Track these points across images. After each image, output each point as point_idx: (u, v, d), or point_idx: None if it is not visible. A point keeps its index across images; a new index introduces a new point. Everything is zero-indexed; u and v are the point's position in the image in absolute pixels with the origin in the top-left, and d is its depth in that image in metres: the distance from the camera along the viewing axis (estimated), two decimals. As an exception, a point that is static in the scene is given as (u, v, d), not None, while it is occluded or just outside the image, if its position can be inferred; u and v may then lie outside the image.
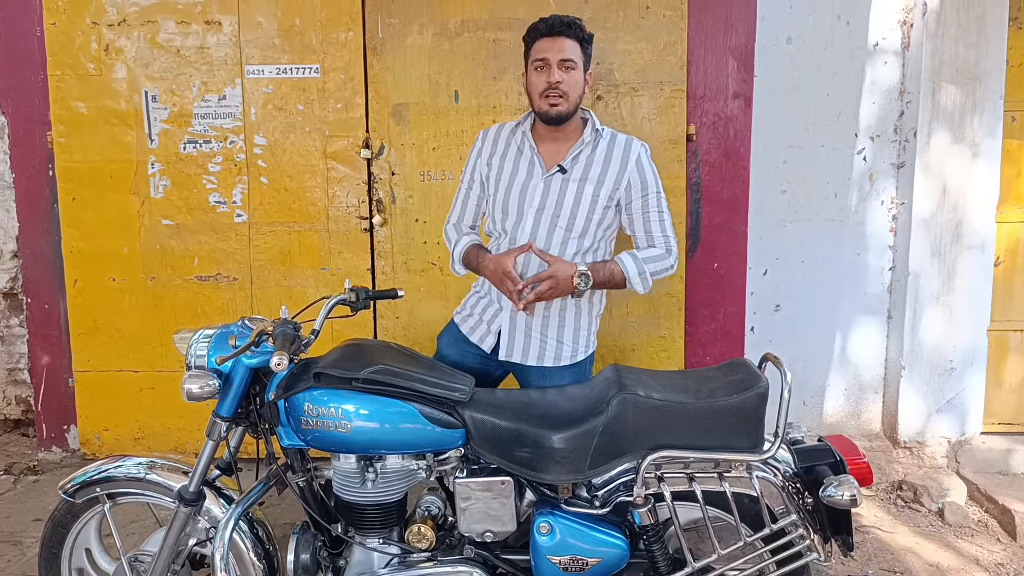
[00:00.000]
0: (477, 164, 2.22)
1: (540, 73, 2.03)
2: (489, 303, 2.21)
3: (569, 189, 2.07)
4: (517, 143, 2.15)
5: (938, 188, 3.30)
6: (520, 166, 2.12)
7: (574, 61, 2.02)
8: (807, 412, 3.56)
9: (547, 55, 2.01)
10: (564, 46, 2.00)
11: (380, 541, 1.85)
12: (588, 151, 2.11)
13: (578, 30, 2.03)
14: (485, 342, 2.20)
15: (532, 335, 2.15)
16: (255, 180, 3.26)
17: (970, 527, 2.98)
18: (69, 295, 3.35)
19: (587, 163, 2.09)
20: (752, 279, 3.43)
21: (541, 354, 2.15)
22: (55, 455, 3.54)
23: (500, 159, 2.16)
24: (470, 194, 2.25)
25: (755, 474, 1.69)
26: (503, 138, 2.19)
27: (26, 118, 3.34)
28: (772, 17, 3.32)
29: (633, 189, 2.11)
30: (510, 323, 2.15)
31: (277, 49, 3.19)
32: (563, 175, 2.08)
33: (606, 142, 2.13)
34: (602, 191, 2.08)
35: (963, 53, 3.24)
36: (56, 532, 1.97)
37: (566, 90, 2.01)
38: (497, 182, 2.15)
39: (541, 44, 2.04)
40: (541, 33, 2.04)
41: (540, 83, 2.02)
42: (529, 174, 2.10)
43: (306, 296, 3.24)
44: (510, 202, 2.11)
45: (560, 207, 2.07)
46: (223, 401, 1.77)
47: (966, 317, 3.35)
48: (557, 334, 2.15)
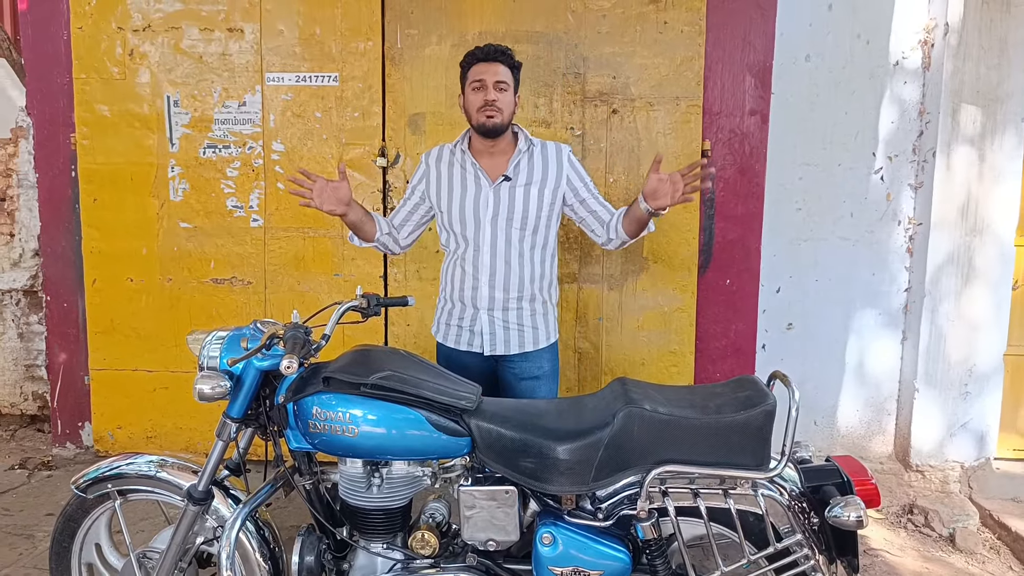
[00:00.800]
0: (423, 184, 2.43)
1: (477, 92, 2.26)
2: (464, 308, 2.38)
3: (517, 194, 2.31)
4: (459, 162, 2.37)
5: (956, 209, 3.28)
6: (467, 181, 2.34)
7: (507, 83, 2.26)
8: (818, 432, 3.53)
9: (484, 77, 2.25)
10: (498, 70, 2.25)
11: (384, 546, 1.86)
12: (526, 159, 2.34)
13: (510, 58, 2.29)
14: (475, 345, 2.37)
15: (510, 327, 2.35)
16: (272, 185, 3.31)
17: (982, 553, 2.93)
18: (87, 294, 3.40)
19: (528, 169, 2.33)
20: (765, 296, 3.42)
21: (521, 341, 2.37)
22: (69, 451, 3.59)
23: (447, 179, 2.37)
24: (407, 202, 2.47)
25: (760, 492, 1.68)
26: (445, 158, 2.41)
27: (51, 120, 3.41)
28: (791, 34, 3.32)
29: (574, 181, 2.37)
30: (489, 322, 2.35)
31: (297, 57, 3.24)
32: (509, 183, 2.31)
33: (538, 149, 2.37)
34: (546, 191, 2.33)
35: (984, 74, 3.22)
36: (67, 527, 1.99)
37: (501, 107, 2.25)
38: (449, 198, 2.36)
39: (478, 68, 2.27)
40: (478, 59, 2.28)
41: (478, 101, 2.26)
42: (477, 187, 2.33)
43: (319, 301, 3.27)
44: (466, 213, 2.33)
45: (512, 211, 2.31)
46: (233, 402, 1.79)
47: (983, 340, 3.31)
48: (531, 322, 2.38)
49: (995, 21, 3.19)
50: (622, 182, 3.23)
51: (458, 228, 2.35)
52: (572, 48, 3.17)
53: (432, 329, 2.51)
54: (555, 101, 3.20)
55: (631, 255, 3.25)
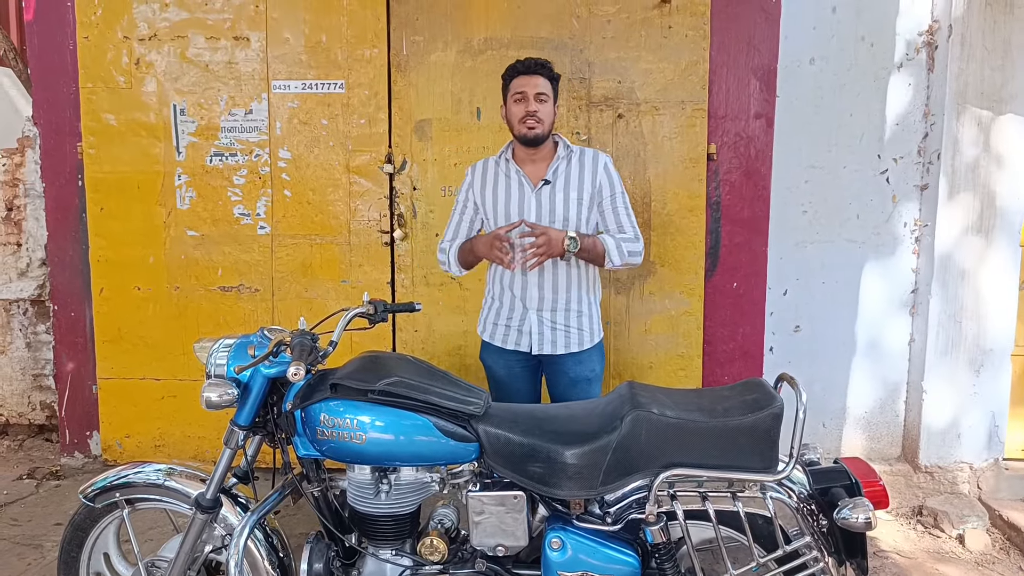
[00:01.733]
0: (470, 194, 2.52)
1: (519, 104, 2.36)
2: (512, 309, 2.45)
3: (557, 198, 2.40)
4: (503, 171, 2.47)
5: (962, 211, 3.27)
6: (511, 187, 2.44)
7: (547, 95, 2.37)
8: (826, 434, 3.52)
9: (525, 89, 2.35)
10: (538, 83, 2.35)
11: (393, 552, 1.86)
12: (564, 164, 2.43)
13: (549, 70, 2.38)
14: (522, 344, 2.44)
15: (558, 327, 2.42)
16: (279, 193, 3.32)
17: (991, 554, 2.92)
18: (95, 303, 3.42)
19: (566, 174, 2.42)
20: (772, 299, 3.41)
21: (568, 342, 2.43)
22: (77, 460, 3.60)
23: (492, 186, 2.47)
24: (463, 218, 2.54)
25: (769, 495, 1.68)
26: (490, 169, 2.50)
27: (57, 129, 3.44)
28: (795, 38, 3.32)
29: (604, 190, 2.45)
30: (538, 322, 2.42)
31: (303, 65, 3.25)
32: (549, 187, 2.40)
33: (577, 156, 2.46)
34: (584, 195, 2.42)
35: (988, 76, 3.21)
36: (76, 536, 2.00)
37: (542, 117, 2.35)
38: (494, 202, 2.45)
39: (519, 80, 2.37)
40: (519, 72, 2.38)
41: (520, 112, 2.36)
42: (520, 191, 2.42)
43: (327, 308, 3.27)
44: (511, 216, 2.41)
45: (553, 213, 2.40)
46: (241, 410, 1.79)
47: (990, 341, 3.30)
48: (577, 323, 2.44)
49: (998, 22, 3.19)
50: (628, 186, 3.21)
51: None
52: (577, 53, 3.18)
53: (478, 329, 2.57)
54: (561, 106, 3.20)
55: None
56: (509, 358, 2.47)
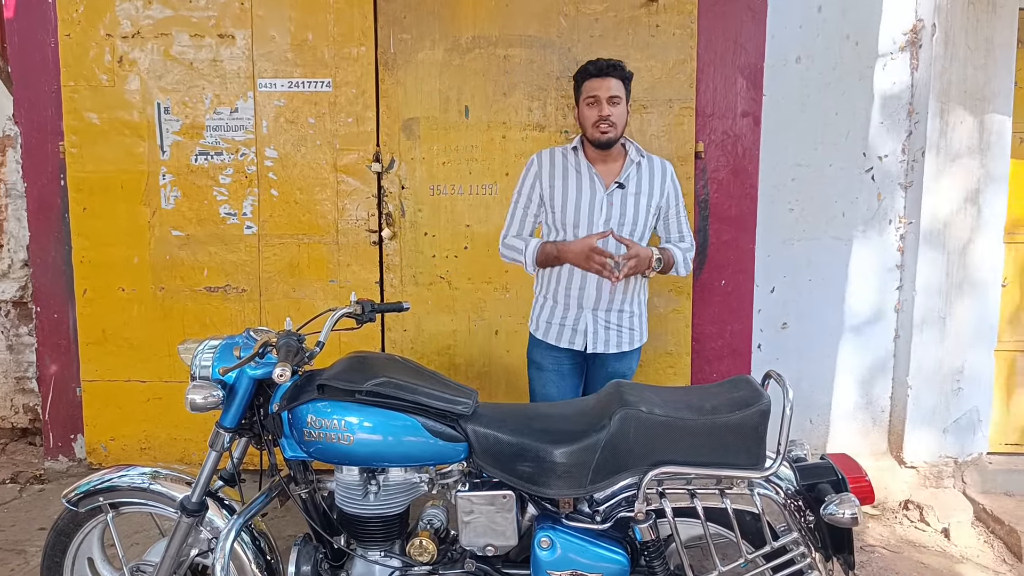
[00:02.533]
0: (536, 185, 2.51)
1: (592, 107, 2.37)
2: (567, 308, 2.49)
3: (629, 201, 2.44)
4: (574, 165, 2.47)
5: (946, 208, 3.30)
6: (582, 184, 2.44)
7: (619, 97, 2.37)
8: (813, 430, 3.54)
9: (598, 93, 2.35)
10: (611, 85, 2.35)
11: (382, 554, 1.85)
12: (636, 170, 2.47)
13: (621, 71, 2.38)
14: (576, 343, 2.49)
15: (611, 327, 2.48)
16: (265, 192, 3.30)
17: (976, 547, 2.95)
18: (78, 304, 3.38)
19: (638, 179, 2.46)
20: (759, 296, 3.43)
21: (619, 342, 2.49)
22: (61, 464, 3.55)
23: (562, 179, 2.46)
24: (528, 210, 2.54)
25: (756, 491, 1.69)
26: (558, 161, 2.50)
27: (39, 128, 3.39)
28: (781, 36, 3.34)
29: (670, 199, 2.53)
30: (593, 321, 2.47)
31: (289, 63, 3.23)
32: (622, 190, 2.43)
33: (646, 162, 2.49)
34: (652, 202, 2.47)
35: (972, 75, 3.25)
36: (59, 541, 1.97)
37: (615, 121, 2.36)
38: (564, 199, 2.45)
39: (591, 83, 2.37)
40: (591, 74, 2.37)
41: (592, 115, 2.36)
42: (592, 191, 2.43)
43: (314, 308, 3.25)
44: (580, 215, 2.43)
45: (624, 217, 2.43)
46: (227, 412, 1.78)
47: (973, 337, 3.33)
48: (628, 323, 2.51)
49: (981, 21, 3.22)
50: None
51: (571, 230, 2.44)
52: (565, 52, 3.18)
53: (531, 326, 2.60)
54: (549, 105, 3.20)
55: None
56: (560, 355, 2.52)
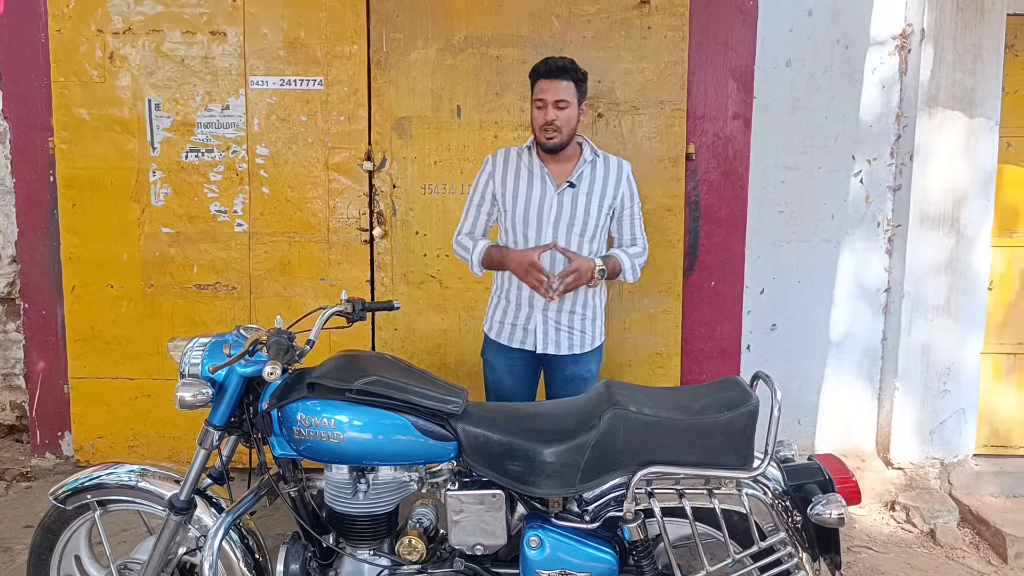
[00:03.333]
0: (490, 184, 2.50)
1: (540, 111, 2.34)
2: (519, 308, 2.47)
3: (580, 201, 2.41)
4: (527, 165, 2.46)
5: (933, 211, 3.32)
6: (533, 183, 2.43)
7: (567, 100, 2.32)
8: (802, 431, 3.56)
9: (544, 96, 2.32)
10: (559, 87, 2.31)
11: (371, 553, 1.85)
12: (589, 169, 2.44)
13: (572, 72, 2.33)
14: (527, 343, 2.47)
15: (562, 328, 2.45)
16: (256, 190, 3.29)
17: (962, 548, 2.98)
18: (67, 301, 3.36)
19: (590, 179, 2.44)
20: (749, 298, 3.45)
21: (571, 344, 2.47)
22: (48, 461, 3.53)
23: (514, 179, 2.45)
24: (481, 209, 2.53)
25: (744, 491, 1.70)
26: (512, 161, 2.49)
27: (28, 124, 3.37)
28: (772, 40, 3.36)
29: (625, 199, 2.49)
30: (543, 322, 2.45)
31: (281, 61, 3.22)
32: (573, 189, 2.41)
33: (602, 161, 2.47)
34: (604, 202, 2.44)
35: (960, 79, 3.27)
36: (46, 538, 1.96)
37: (560, 126, 2.33)
38: (514, 199, 2.44)
39: (540, 85, 2.34)
40: (541, 75, 2.34)
41: (540, 119, 2.35)
42: (543, 190, 2.42)
43: (305, 306, 3.25)
44: (530, 215, 2.42)
45: (574, 216, 2.41)
46: (216, 410, 1.77)
47: (960, 340, 3.36)
48: (580, 325, 2.47)
49: (969, 27, 3.25)
50: (606, 185, 3.24)
51: (520, 228, 2.43)
52: (557, 52, 3.14)
53: (484, 326, 2.60)
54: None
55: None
56: (512, 355, 2.50)
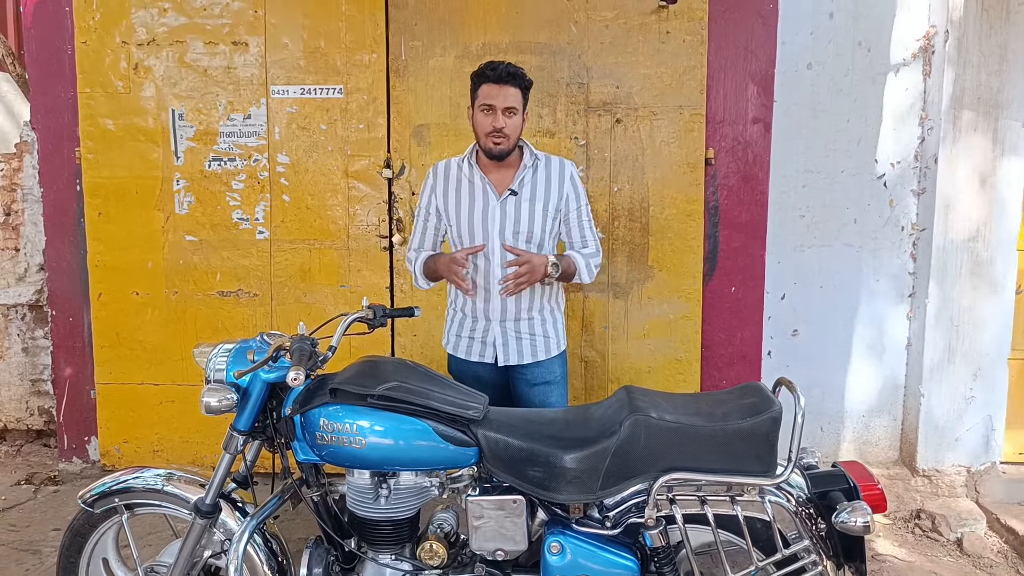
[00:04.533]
0: (432, 198, 2.45)
1: (487, 116, 2.26)
2: (475, 320, 2.42)
3: (523, 208, 2.35)
4: (467, 176, 2.39)
5: (959, 215, 3.28)
6: (475, 195, 2.37)
7: (516, 108, 2.26)
8: (824, 438, 3.52)
9: (493, 102, 2.24)
10: (508, 94, 2.24)
11: (392, 557, 1.86)
12: (530, 174, 2.38)
13: (521, 80, 2.27)
14: (487, 356, 2.42)
15: (522, 336, 2.40)
16: (277, 198, 3.32)
17: (989, 558, 2.92)
18: (93, 308, 3.42)
19: (532, 184, 2.37)
20: (770, 303, 3.42)
21: (534, 351, 2.42)
22: (75, 466, 3.59)
23: (455, 192, 2.40)
24: (427, 224, 2.48)
25: (768, 498, 1.68)
26: (452, 173, 2.42)
27: (56, 134, 3.44)
28: (792, 43, 3.34)
29: (570, 201, 2.41)
30: (502, 333, 2.39)
31: (302, 70, 3.26)
32: (515, 197, 2.35)
33: (543, 164, 2.40)
34: (549, 206, 2.38)
35: (985, 81, 3.23)
36: (74, 541, 2.00)
37: (508, 133, 2.26)
38: (457, 211, 2.39)
39: (488, 89, 2.25)
40: (488, 79, 2.25)
41: (486, 125, 2.26)
42: (485, 200, 2.36)
43: (325, 313, 3.27)
44: (474, 226, 2.36)
45: (519, 224, 2.35)
46: (240, 415, 1.79)
47: (986, 345, 3.31)
48: (542, 331, 2.43)
49: (995, 28, 3.21)
50: (626, 191, 3.24)
51: (467, 240, 2.38)
52: (575, 58, 3.19)
53: (443, 341, 2.54)
54: (559, 111, 3.22)
55: (636, 263, 3.26)
56: (477, 369, 2.44)
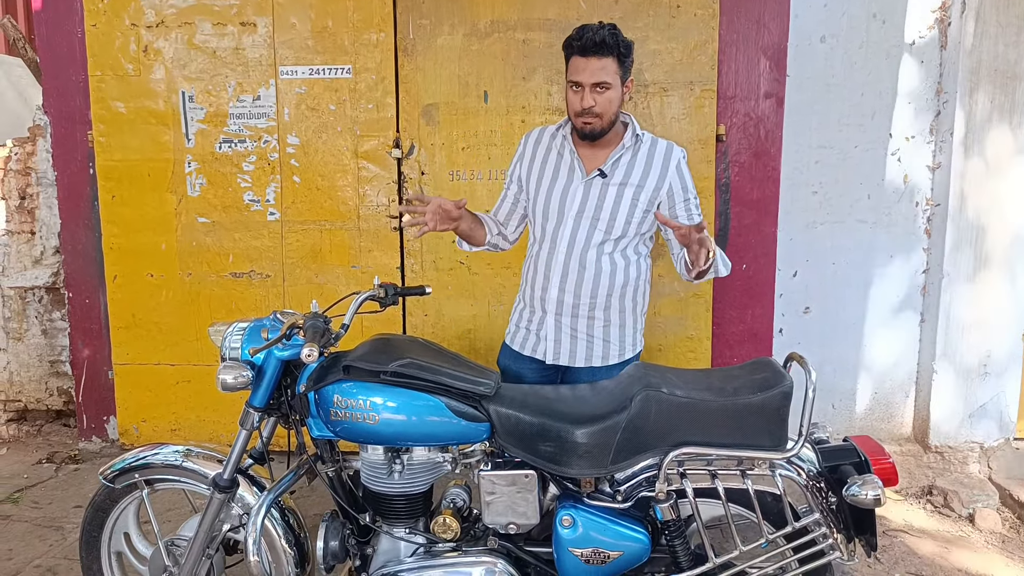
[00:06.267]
0: (519, 167, 2.25)
1: (576, 94, 2.02)
2: (532, 312, 2.22)
3: (609, 193, 2.10)
4: (558, 147, 2.17)
5: (974, 190, 3.24)
6: (560, 170, 2.15)
7: (608, 83, 1.99)
8: (836, 415, 3.52)
9: (580, 78, 1.99)
10: (597, 67, 1.97)
11: (406, 531, 1.89)
12: (628, 156, 2.12)
13: (613, 47, 1.96)
14: (538, 351, 2.21)
15: (579, 336, 2.16)
16: (288, 179, 3.33)
17: (1001, 533, 2.93)
18: (109, 290, 3.46)
19: (627, 168, 2.11)
20: (781, 281, 3.41)
21: (589, 355, 2.17)
22: (95, 445, 3.65)
23: (541, 163, 2.18)
24: (508, 191, 2.30)
25: (778, 472, 1.69)
26: (544, 142, 2.20)
27: (68, 118, 3.46)
28: (806, 16, 3.29)
29: (676, 194, 2.13)
30: (555, 327, 2.17)
31: (310, 50, 3.25)
32: (603, 179, 2.10)
33: (646, 147, 2.13)
34: (642, 195, 2.10)
35: (1003, 52, 3.18)
36: (96, 517, 2.04)
37: (600, 112, 2.02)
38: (538, 185, 2.18)
39: (576, 63, 2.01)
40: (575, 51, 2.00)
41: (575, 103, 2.03)
42: (569, 178, 2.13)
43: (337, 293, 3.29)
44: (551, 205, 2.14)
45: (600, 210, 2.10)
46: (256, 392, 1.82)
47: (1001, 321, 3.29)
48: (603, 334, 2.17)
49: (1013, -2, 3.15)
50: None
51: (540, 219, 2.18)
52: (583, 35, 3.16)
53: (506, 330, 2.34)
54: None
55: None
56: (524, 365, 2.23)
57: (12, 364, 3.88)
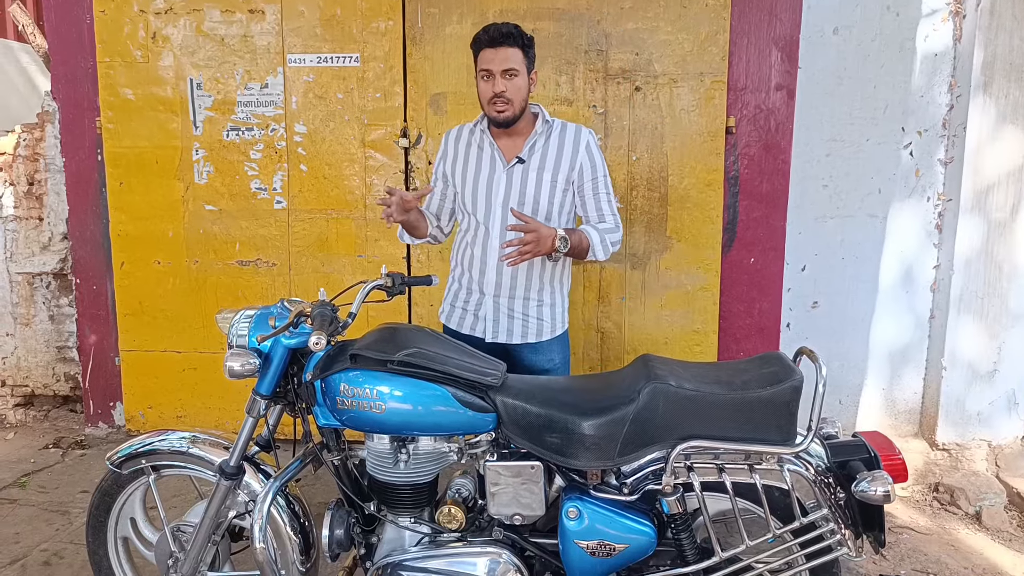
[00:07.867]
0: (443, 164, 2.38)
1: (487, 82, 2.16)
2: (469, 292, 2.34)
3: (530, 178, 2.24)
4: (477, 141, 2.31)
5: (987, 185, 3.21)
6: (483, 162, 2.28)
7: (516, 69, 2.14)
8: (843, 411, 3.51)
9: (491, 66, 2.14)
10: (506, 56, 2.13)
11: (412, 520, 1.89)
12: (542, 141, 2.25)
13: (517, 38, 2.15)
14: (477, 329, 2.33)
15: (515, 315, 2.30)
16: (295, 167, 3.33)
17: (1008, 531, 2.91)
18: (116, 277, 3.46)
19: (542, 152, 2.25)
20: (790, 275, 3.39)
21: (525, 332, 2.31)
22: (101, 430, 3.67)
23: (463, 158, 2.32)
24: (435, 189, 2.41)
25: (786, 467, 1.68)
26: (464, 138, 2.34)
27: (76, 104, 3.45)
28: (819, 7, 3.25)
29: (585, 172, 2.26)
30: (494, 308, 2.30)
31: (318, 38, 3.24)
32: (522, 165, 2.24)
33: (557, 132, 2.27)
34: (559, 176, 2.24)
35: (1018, 46, 3.14)
36: (103, 502, 2.04)
37: (510, 97, 2.15)
38: (463, 179, 2.31)
39: (485, 55, 2.16)
40: (484, 44, 2.15)
41: (487, 92, 2.16)
42: (492, 168, 2.27)
43: (343, 282, 3.29)
44: (478, 195, 2.28)
45: (524, 195, 2.24)
46: (263, 379, 1.81)
47: (1011, 318, 3.26)
48: (537, 312, 2.31)
49: (1029, -10, 3.11)
50: (645, 161, 3.21)
51: (470, 209, 2.29)
52: (594, 24, 3.14)
53: (440, 310, 2.47)
54: (577, 79, 3.17)
55: (654, 234, 3.24)
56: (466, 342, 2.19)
57: (20, 349, 3.90)
